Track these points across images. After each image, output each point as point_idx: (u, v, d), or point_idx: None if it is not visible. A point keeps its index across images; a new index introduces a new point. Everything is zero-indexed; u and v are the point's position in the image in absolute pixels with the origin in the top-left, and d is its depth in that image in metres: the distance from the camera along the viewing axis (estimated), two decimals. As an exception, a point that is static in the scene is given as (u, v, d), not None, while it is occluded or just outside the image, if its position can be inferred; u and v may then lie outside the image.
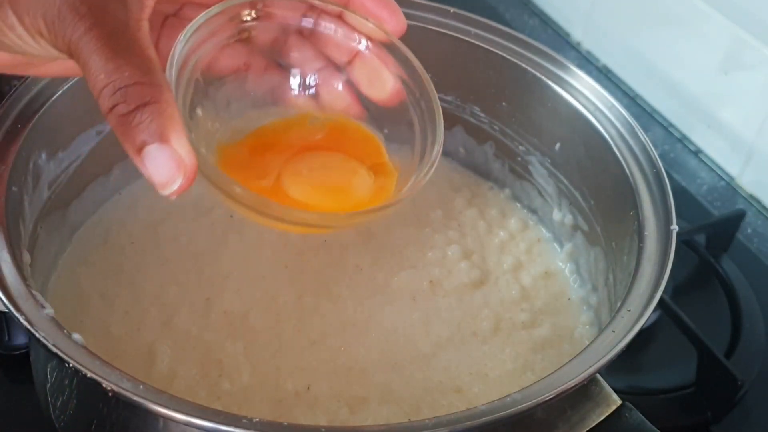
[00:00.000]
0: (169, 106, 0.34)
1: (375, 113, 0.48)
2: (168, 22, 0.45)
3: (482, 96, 0.61)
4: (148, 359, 0.50)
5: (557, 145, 0.58)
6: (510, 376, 0.52)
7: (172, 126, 0.34)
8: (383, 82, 0.46)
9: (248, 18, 0.45)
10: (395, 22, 0.45)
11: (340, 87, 0.47)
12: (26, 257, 0.46)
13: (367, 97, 0.47)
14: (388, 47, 0.46)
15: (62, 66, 0.42)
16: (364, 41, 0.46)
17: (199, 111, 0.44)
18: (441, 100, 0.61)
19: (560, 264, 0.59)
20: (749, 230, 0.75)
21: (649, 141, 0.52)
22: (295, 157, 0.46)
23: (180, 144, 0.34)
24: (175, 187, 0.35)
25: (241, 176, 0.42)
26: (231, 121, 0.47)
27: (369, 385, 0.50)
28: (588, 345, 0.42)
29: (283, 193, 0.44)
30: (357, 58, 0.46)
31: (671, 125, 0.84)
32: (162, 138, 0.34)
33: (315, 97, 0.47)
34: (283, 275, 0.55)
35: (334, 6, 0.45)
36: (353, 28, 0.46)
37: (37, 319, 0.40)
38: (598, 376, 0.41)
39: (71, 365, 0.37)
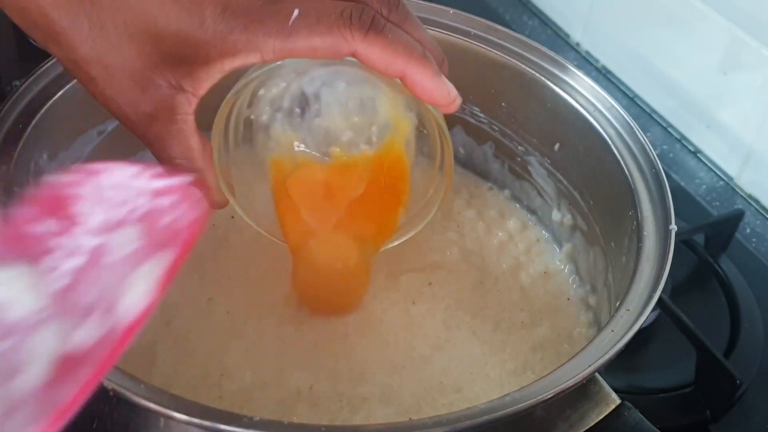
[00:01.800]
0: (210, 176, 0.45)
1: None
2: None
3: (482, 96, 0.61)
4: (150, 359, 0.50)
5: (556, 146, 0.58)
6: (510, 375, 0.52)
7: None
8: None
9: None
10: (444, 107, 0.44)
11: None
12: (28, 257, 0.47)
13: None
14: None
15: None
16: None
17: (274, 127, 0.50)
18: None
19: (559, 264, 0.60)
20: (748, 230, 0.75)
21: (647, 141, 0.53)
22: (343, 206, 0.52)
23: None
24: None
25: (303, 202, 0.51)
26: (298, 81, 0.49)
27: (370, 386, 0.50)
28: (587, 344, 0.42)
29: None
30: None
31: (670, 125, 0.84)
32: None
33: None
34: (284, 277, 0.55)
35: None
36: None
37: (39, 319, 0.40)
38: (597, 375, 0.41)
39: (73, 365, 0.37)
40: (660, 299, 0.45)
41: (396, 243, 0.53)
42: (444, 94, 0.42)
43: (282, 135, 0.50)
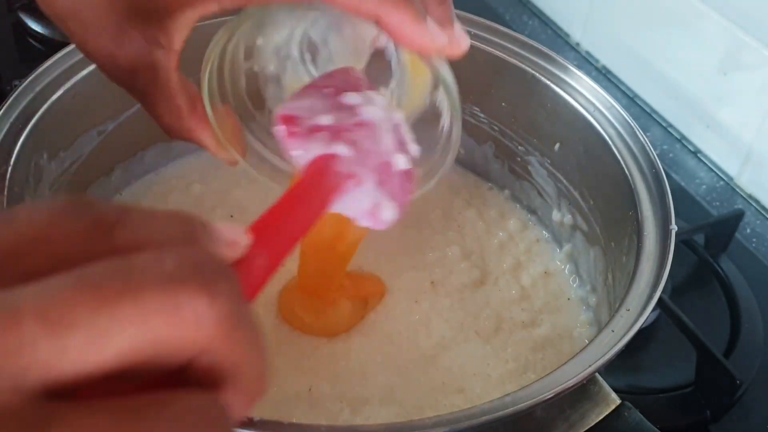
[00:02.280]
0: (205, 136, 0.44)
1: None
2: None
3: (482, 96, 0.61)
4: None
5: (557, 146, 0.58)
6: (511, 375, 0.52)
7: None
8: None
9: None
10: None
11: None
12: (28, 257, 0.46)
13: None
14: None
15: None
16: None
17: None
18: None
19: (559, 264, 0.60)
20: (748, 230, 0.75)
21: (648, 141, 0.53)
22: None
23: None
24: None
25: None
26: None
27: (371, 387, 0.50)
28: (587, 344, 0.42)
29: None
30: None
31: (670, 125, 0.84)
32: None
33: None
34: (280, 275, 0.55)
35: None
36: None
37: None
38: (597, 375, 0.41)
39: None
40: (660, 299, 0.45)
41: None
42: (427, 41, 0.37)
43: (298, 83, 0.46)
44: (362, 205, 0.41)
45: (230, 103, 0.47)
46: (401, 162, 0.42)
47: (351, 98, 0.42)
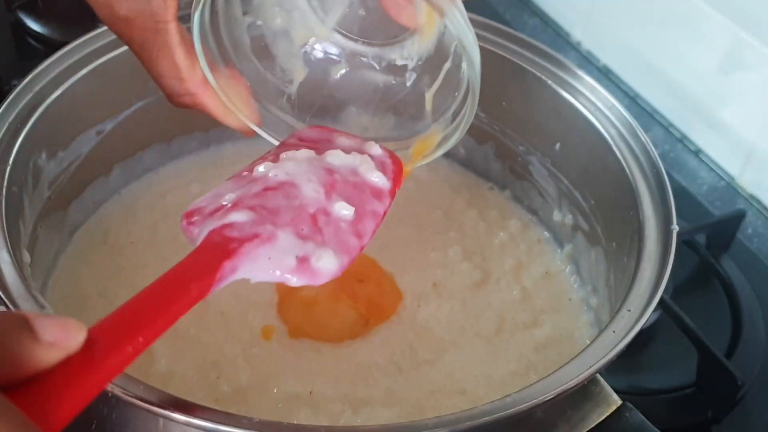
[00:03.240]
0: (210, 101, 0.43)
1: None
2: None
3: (482, 96, 0.60)
4: (147, 359, 0.49)
5: (557, 146, 0.58)
6: (513, 376, 0.51)
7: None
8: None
9: None
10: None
11: None
12: (26, 257, 0.46)
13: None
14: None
15: None
16: None
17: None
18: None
19: (560, 264, 0.59)
20: (749, 230, 0.75)
21: (649, 141, 0.52)
22: None
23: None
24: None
25: None
26: None
27: (372, 388, 0.50)
28: (588, 345, 0.42)
29: None
30: None
31: (671, 125, 0.84)
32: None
33: None
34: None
35: None
36: None
37: (37, 319, 0.39)
38: (598, 376, 0.41)
39: (71, 365, 0.37)
40: (661, 300, 0.45)
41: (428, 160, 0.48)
42: None
43: (309, 34, 0.45)
44: (285, 262, 0.38)
45: (234, 64, 0.44)
46: (338, 208, 0.40)
47: (262, 168, 0.41)
